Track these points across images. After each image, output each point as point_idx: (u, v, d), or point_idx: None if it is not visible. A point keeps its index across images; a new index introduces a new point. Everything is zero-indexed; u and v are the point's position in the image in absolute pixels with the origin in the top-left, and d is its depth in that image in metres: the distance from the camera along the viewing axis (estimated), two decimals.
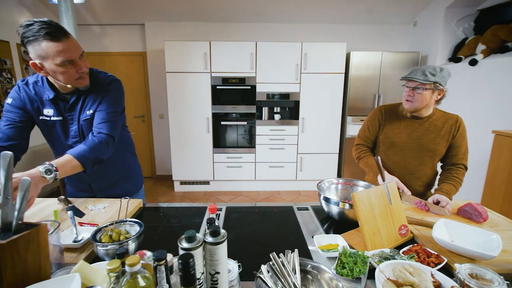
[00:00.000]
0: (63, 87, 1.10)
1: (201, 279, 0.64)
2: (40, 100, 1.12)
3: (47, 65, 0.99)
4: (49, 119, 1.14)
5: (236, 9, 3.58)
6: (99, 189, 1.34)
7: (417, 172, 1.46)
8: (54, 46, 0.96)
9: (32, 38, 0.94)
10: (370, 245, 0.92)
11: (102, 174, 1.30)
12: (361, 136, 1.61)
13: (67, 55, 0.99)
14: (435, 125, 1.42)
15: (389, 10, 3.62)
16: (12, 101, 1.11)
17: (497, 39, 2.78)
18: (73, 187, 1.37)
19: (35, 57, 0.99)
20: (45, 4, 3.49)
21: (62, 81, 1.04)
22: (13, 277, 0.62)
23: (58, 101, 1.13)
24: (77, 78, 1.06)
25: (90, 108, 1.15)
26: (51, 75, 1.03)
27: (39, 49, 0.96)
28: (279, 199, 3.66)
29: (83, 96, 1.15)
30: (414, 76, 1.33)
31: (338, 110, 3.67)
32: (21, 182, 0.68)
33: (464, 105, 3.01)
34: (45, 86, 1.11)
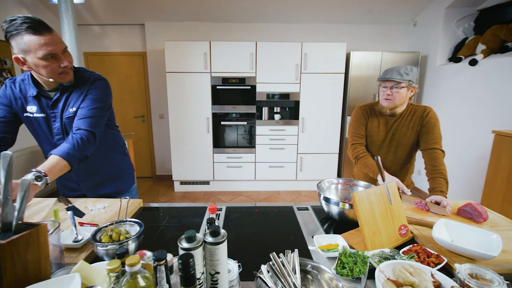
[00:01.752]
0: (47, 84, 1.09)
1: (201, 279, 0.64)
2: (24, 97, 1.12)
3: (30, 59, 0.99)
4: (32, 116, 1.14)
5: (236, 9, 3.58)
6: (88, 188, 1.33)
7: (394, 166, 1.58)
8: (36, 39, 0.96)
9: (15, 32, 0.95)
10: (370, 245, 0.92)
11: (89, 173, 1.29)
12: (354, 134, 1.62)
13: (49, 48, 0.98)
14: (406, 119, 1.52)
15: (389, 10, 3.62)
16: None
17: (497, 39, 2.78)
18: (62, 186, 1.36)
19: (18, 51, 0.99)
20: (45, 4, 3.49)
21: (44, 75, 1.03)
22: (13, 277, 0.62)
23: (42, 97, 1.13)
24: (60, 72, 1.05)
25: (73, 106, 1.14)
26: (34, 69, 1.03)
27: (21, 43, 0.96)
28: (279, 199, 3.66)
29: (67, 94, 1.14)
30: (391, 77, 1.41)
31: (338, 110, 3.67)
32: (21, 182, 0.68)
33: (464, 105, 3.02)
34: (29, 83, 1.11)
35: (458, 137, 3.05)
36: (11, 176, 0.67)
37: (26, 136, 3.47)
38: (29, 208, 1.22)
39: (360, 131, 1.60)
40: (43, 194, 3.41)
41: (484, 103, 2.79)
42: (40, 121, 1.15)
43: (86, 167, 1.23)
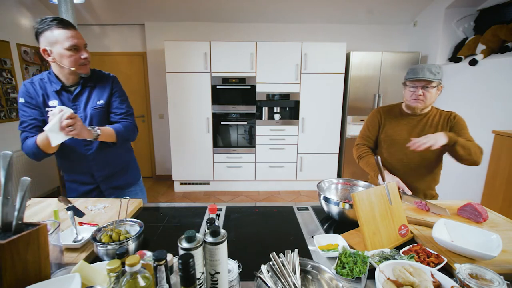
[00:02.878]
0: (67, 78, 1.22)
1: (201, 279, 0.64)
2: (45, 93, 1.23)
3: (56, 50, 1.13)
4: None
5: (236, 9, 3.57)
6: (102, 179, 1.38)
7: (420, 167, 1.49)
8: (64, 32, 1.13)
9: (46, 27, 1.11)
10: (370, 245, 0.92)
11: (105, 164, 1.36)
12: (362, 136, 1.64)
13: (74, 41, 1.15)
14: (433, 120, 1.48)
15: (389, 10, 3.62)
16: (24, 100, 1.22)
17: (497, 39, 2.78)
18: (74, 182, 1.39)
19: (46, 44, 1.13)
20: (45, 4, 3.49)
21: (67, 65, 1.16)
22: (13, 277, 0.62)
23: (63, 92, 1.25)
24: (81, 63, 1.19)
25: (100, 99, 1.29)
26: (57, 60, 1.16)
27: (50, 36, 1.12)
28: (279, 199, 3.66)
29: (89, 88, 1.28)
30: (425, 76, 1.34)
31: (338, 110, 3.66)
32: (21, 183, 0.68)
33: (464, 105, 3.01)
34: (52, 79, 1.23)
35: None
36: (11, 176, 0.67)
37: None
38: (29, 208, 1.23)
39: (368, 133, 1.60)
40: (43, 194, 3.41)
41: (484, 103, 2.79)
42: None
43: (103, 158, 1.34)
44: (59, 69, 1.20)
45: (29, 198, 1.29)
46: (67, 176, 1.38)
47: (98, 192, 1.40)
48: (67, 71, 1.20)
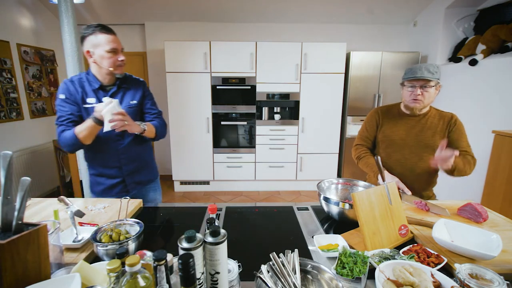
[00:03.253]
0: (104, 77, 1.36)
1: (201, 279, 0.64)
2: (83, 91, 1.35)
3: (98, 52, 1.28)
4: (91, 107, 1.32)
5: (236, 9, 3.57)
6: (128, 173, 1.46)
7: (417, 168, 1.48)
8: (106, 37, 1.28)
9: (91, 32, 1.27)
10: (370, 245, 0.92)
11: (132, 158, 1.46)
12: (360, 136, 1.63)
13: (114, 45, 1.29)
14: (432, 121, 1.46)
15: (389, 10, 3.62)
16: (64, 96, 1.32)
17: (497, 39, 2.78)
18: (102, 176, 1.45)
19: (89, 46, 1.28)
20: (45, 4, 3.49)
21: (106, 65, 1.30)
22: (13, 277, 0.62)
23: (100, 91, 1.37)
24: (118, 64, 1.33)
25: (133, 99, 1.43)
26: (98, 61, 1.30)
27: (94, 39, 1.27)
28: (279, 199, 3.66)
29: (123, 89, 1.42)
30: (423, 75, 1.33)
31: (338, 110, 3.66)
32: (21, 183, 0.68)
33: (464, 105, 3.01)
34: (90, 79, 1.36)
35: None
36: (11, 176, 0.67)
37: (26, 136, 3.47)
38: (29, 208, 1.23)
39: (366, 134, 1.60)
40: (43, 194, 3.41)
41: (484, 103, 2.79)
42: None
43: (131, 153, 1.45)
44: (98, 69, 1.33)
45: (29, 198, 1.29)
46: (95, 170, 1.46)
47: (123, 186, 1.47)
48: (105, 71, 1.33)
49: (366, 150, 1.58)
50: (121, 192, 1.46)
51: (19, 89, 3.14)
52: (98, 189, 1.46)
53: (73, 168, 2.76)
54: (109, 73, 1.33)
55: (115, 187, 1.45)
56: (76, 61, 1.87)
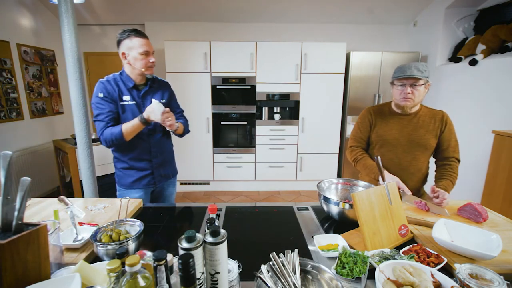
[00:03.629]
0: (136, 77, 1.47)
1: (201, 279, 0.64)
2: (119, 90, 1.46)
3: (132, 53, 1.40)
4: (127, 104, 1.47)
5: (236, 9, 3.57)
6: (157, 166, 1.59)
7: (411, 167, 1.49)
8: (140, 40, 1.40)
9: (126, 35, 1.40)
10: (370, 245, 0.92)
11: (161, 151, 1.60)
12: (354, 137, 1.62)
13: (147, 48, 1.42)
14: (423, 120, 1.47)
15: (389, 10, 3.62)
16: (103, 94, 1.41)
17: (497, 39, 2.78)
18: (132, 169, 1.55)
19: (125, 49, 1.41)
20: (45, 4, 3.49)
21: (139, 66, 1.42)
22: (13, 277, 0.62)
23: (133, 90, 1.49)
24: (149, 66, 1.45)
25: (162, 98, 1.57)
26: (131, 62, 1.42)
27: (129, 42, 1.39)
28: (279, 199, 3.66)
29: (153, 89, 1.55)
30: (412, 74, 1.35)
31: (338, 110, 3.66)
32: (21, 183, 0.68)
33: (464, 105, 3.02)
34: (126, 78, 1.47)
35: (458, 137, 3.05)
36: (11, 176, 0.67)
37: (26, 136, 3.46)
38: (29, 208, 1.23)
39: (360, 134, 1.59)
40: (43, 194, 3.41)
41: (484, 103, 2.79)
42: (133, 107, 1.48)
43: (160, 147, 1.59)
44: (131, 70, 1.45)
45: (29, 198, 1.29)
46: (125, 163, 1.55)
47: (151, 178, 1.58)
48: (137, 71, 1.44)
49: (362, 151, 1.57)
50: (149, 185, 1.57)
51: (19, 89, 3.14)
52: (127, 182, 1.55)
53: (73, 168, 2.76)
54: (141, 73, 1.45)
55: (143, 178, 1.55)
56: (76, 61, 1.86)
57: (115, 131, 1.38)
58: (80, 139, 1.96)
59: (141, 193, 1.56)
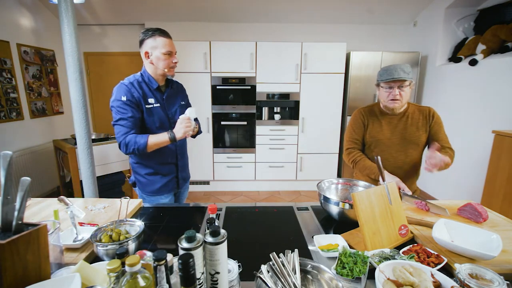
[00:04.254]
0: (157, 78, 1.44)
1: (201, 279, 0.64)
2: (143, 92, 1.42)
3: (155, 53, 1.37)
4: (152, 106, 1.43)
5: (236, 9, 3.57)
6: (181, 168, 1.58)
7: (405, 165, 1.52)
8: (164, 40, 1.37)
9: (150, 34, 1.36)
10: (370, 245, 0.92)
11: (183, 153, 1.62)
12: (349, 139, 1.61)
13: (170, 48, 1.39)
14: (413, 118, 1.50)
15: (389, 10, 3.62)
16: (126, 98, 1.36)
17: (497, 39, 2.78)
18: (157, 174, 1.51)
19: (148, 48, 1.37)
20: (45, 4, 3.49)
21: (161, 67, 1.39)
22: (13, 277, 0.62)
23: (157, 91, 1.46)
24: (171, 66, 1.42)
25: (182, 100, 1.59)
26: (154, 62, 1.39)
27: (153, 41, 1.36)
28: (279, 199, 3.66)
29: (174, 90, 1.55)
30: (400, 76, 1.37)
31: (338, 110, 3.66)
32: (21, 183, 0.68)
33: (464, 105, 3.02)
34: (149, 80, 1.43)
35: (458, 137, 3.05)
36: (11, 176, 0.67)
37: (26, 136, 3.46)
38: (29, 208, 1.23)
39: (355, 135, 1.59)
40: (43, 194, 3.41)
41: (484, 103, 2.79)
42: (158, 110, 1.45)
43: (183, 149, 1.60)
44: (154, 70, 1.42)
45: (29, 198, 1.29)
46: (150, 169, 1.50)
47: (175, 182, 1.57)
48: (159, 72, 1.41)
49: (360, 153, 1.57)
50: (172, 190, 1.56)
51: (19, 89, 3.14)
52: (154, 188, 1.50)
53: (73, 168, 2.76)
54: (163, 74, 1.42)
55: (169, 183, 1.53)
56: (76, 61, 1.86)
57: (140, 142, 1.32)
58: (80, 139, 1.96)
59: (170, 197, 1.56)
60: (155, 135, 1.35)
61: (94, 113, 4.22)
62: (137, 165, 1.52)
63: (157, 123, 1.44)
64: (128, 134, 1.34)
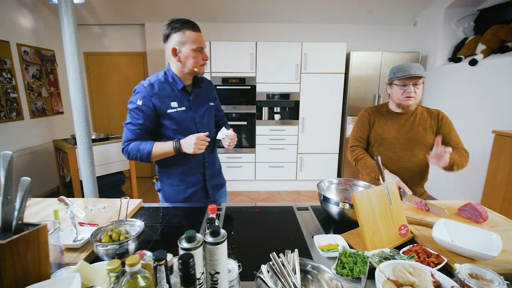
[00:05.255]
0: (185, 78, 1.30)
1: (201, 279, 0.64)
2: (165, 95, 1.27)
3: (184, 50, 1.21)
4: (175, 111, 1.28)
5: (236, 9, 3.57)
6: (209, 177, 1.44)
7: (410, 165, 1.50)
8: (194, 34, 1.20)
9: (180, 27, 1.18)
10: (370, 245, 0.92)
11: (212, 162, 1.46)
12: (354, 137, 1.63)
13: (201, 44, 1.22)
14: (421, 118, 1.50)
15: (389, 10, 3.62)
16: (142, 102, 1.24)
17: (497, 39, 2.78)
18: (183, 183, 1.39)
19: (176, 43, 1.20)
20: (45, 4, 3.49)
21: (190, 65, 1.23)
22: (13, 277, 0.62)
23: (183, 92, 1.31)
24: (201, 64, 1.26)
25: (210, 100, 1.42)
26: (182, 60, 1.23)
27: (182, 36, 1.19)
28: (279, 199, 3.66)
29: (201, 90, 1.38)
30: (416, 73, 1.37)
31: (338, 110, 3.67)
32: (21, 183, 0.68)
33: (464, 105, 3.02)
34: (173, 80, 1.28)
35: None
36: (11, 176, 0.67)
37: (26, 136, 3.46)
38: (29, 208, 1.23)
39: (360, 134, 1.60)
40: (43, 194, 3.41)
41: (484, 103, 2.79)
42: (182, 115, 1.30)
43: (212, 157, 1.45)
44: (181, 68, 1.26)
45: (29, 198, 1.29)
46: (175, 179, 1.38)
47: (203, 192, 1.44)
48: (187, 70, 1.25)
49: (363, 151, 1.58)
50: (202, 199, 1.43)
51: (19, 89, 3.14)
52: (179, 199, 1.40)
53: (73, 168, 2.76)
54: (191, 72, 1.26)
55: (196, 193, 1.41)
56: (76, 61, 1.86)
57: (144, 150, 1.22)
58: (80, 139, 1.96)
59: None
60: (160, 144, 1.24)
61: (94, 113, 4.22)
62: (161, 173, 1.41)
63: (180, 129, 1.30)
64: (132, 141, 1.25)
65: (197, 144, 1.20)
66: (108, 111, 4.21)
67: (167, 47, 1.23)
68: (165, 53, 1.29)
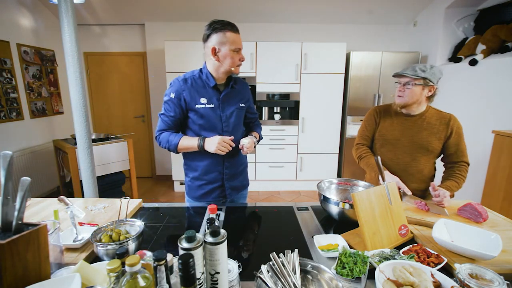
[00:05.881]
0: (218, 77, 1.34)
1: (201, 279, 0.64)
2: (196, 91, 1.33)
3: (223, 50, 1.26)
4: (203, 108, 1.33)
5: (236, 9, 3.57)
6: (228, 177, 1.45)
7: (410, 168, 1.47)
8: (234, 35, 1.26)
9: (221, 28, 1.24)
10: (370, 245, 0.92)
11: (234, 162, 1.45)
12: (360, 135, 1.64)
13: (239, 45, 1.29)
14: (428, 122, 1.45)
15: (389, 10, 3.62)
16: (174, 95, 1.30)
17: (497, 39, 2.78)
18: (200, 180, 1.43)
19: (216, 43, 1.25)
20: (45, 4, 3.49)
21: (227, 64, 1.28)
22: (13, 277, 0.62)
23: (214, 89, 1.35)
24: (238, 64, 1.32)
25: (241, 101, 1.43)
26: (220, 59, 1.28)
27: (223, 36, 1.24)
28: (279, 199, 3.66)
29: (234, 90, 1.41)
30: (404, 72, 1.38)
31: (338, 110, 3.67)
32: (21, 182, 0.68)
33: (464, 105, 3.01)
34: (206, 77, 1.34)
35: None
36: (11, 176, 0.67)
37: (26, 136, 3.46)
38: (29, 208, 1.23)
39: (366, 132, 1.60)
40: (43, 194, 3.41)
41: (484, 103, 2.79)
42: (208, 112, 1.34)
43: (233, 158, 1.44)
44: (217, 67, 1.31)
45: (29, 198, 1.29)
46: (196, 173, 1.43)
47: (221, 191, 1.45)
48: (223, 69, 1.31)
49: (367, 149, 1.59)
50: (219, 197, 1.45)
51: (19, 89, 3.14)
52: (197, 194, 1.44)
53: (73, 168, 2.76)
54: (226, 72, 1.32)
55: (214, 191, 1.44)
56: (76, 61, 1.86)
57: (172, 142, 1.30)
58: (80, 139, 1.96)
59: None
60: (187, 138, 1.32)
61: (94, 113, 4.22)
62: (186, 166, 1.48)
63: (205, 125, 1.35)
64: (164, 131, 1.34)
65: (220, 145, 1.25)
66: (108, 111, 4.21)
67: (207, 46, 1.28)
68: (204, 52, 1.33)
